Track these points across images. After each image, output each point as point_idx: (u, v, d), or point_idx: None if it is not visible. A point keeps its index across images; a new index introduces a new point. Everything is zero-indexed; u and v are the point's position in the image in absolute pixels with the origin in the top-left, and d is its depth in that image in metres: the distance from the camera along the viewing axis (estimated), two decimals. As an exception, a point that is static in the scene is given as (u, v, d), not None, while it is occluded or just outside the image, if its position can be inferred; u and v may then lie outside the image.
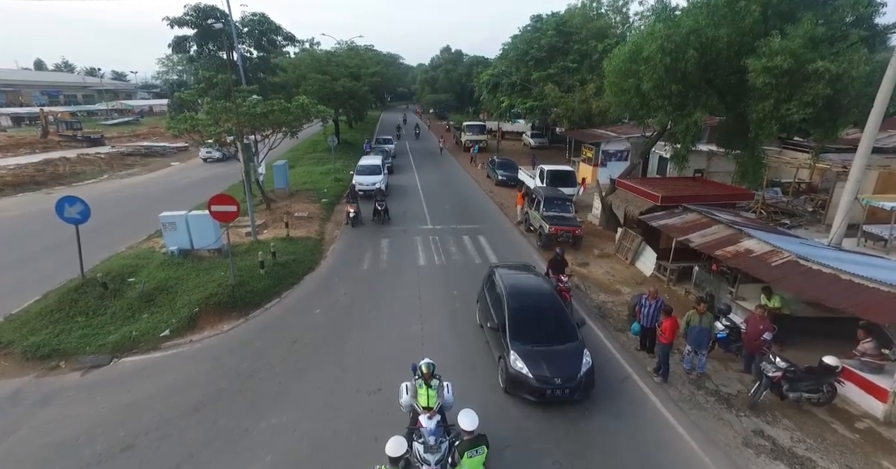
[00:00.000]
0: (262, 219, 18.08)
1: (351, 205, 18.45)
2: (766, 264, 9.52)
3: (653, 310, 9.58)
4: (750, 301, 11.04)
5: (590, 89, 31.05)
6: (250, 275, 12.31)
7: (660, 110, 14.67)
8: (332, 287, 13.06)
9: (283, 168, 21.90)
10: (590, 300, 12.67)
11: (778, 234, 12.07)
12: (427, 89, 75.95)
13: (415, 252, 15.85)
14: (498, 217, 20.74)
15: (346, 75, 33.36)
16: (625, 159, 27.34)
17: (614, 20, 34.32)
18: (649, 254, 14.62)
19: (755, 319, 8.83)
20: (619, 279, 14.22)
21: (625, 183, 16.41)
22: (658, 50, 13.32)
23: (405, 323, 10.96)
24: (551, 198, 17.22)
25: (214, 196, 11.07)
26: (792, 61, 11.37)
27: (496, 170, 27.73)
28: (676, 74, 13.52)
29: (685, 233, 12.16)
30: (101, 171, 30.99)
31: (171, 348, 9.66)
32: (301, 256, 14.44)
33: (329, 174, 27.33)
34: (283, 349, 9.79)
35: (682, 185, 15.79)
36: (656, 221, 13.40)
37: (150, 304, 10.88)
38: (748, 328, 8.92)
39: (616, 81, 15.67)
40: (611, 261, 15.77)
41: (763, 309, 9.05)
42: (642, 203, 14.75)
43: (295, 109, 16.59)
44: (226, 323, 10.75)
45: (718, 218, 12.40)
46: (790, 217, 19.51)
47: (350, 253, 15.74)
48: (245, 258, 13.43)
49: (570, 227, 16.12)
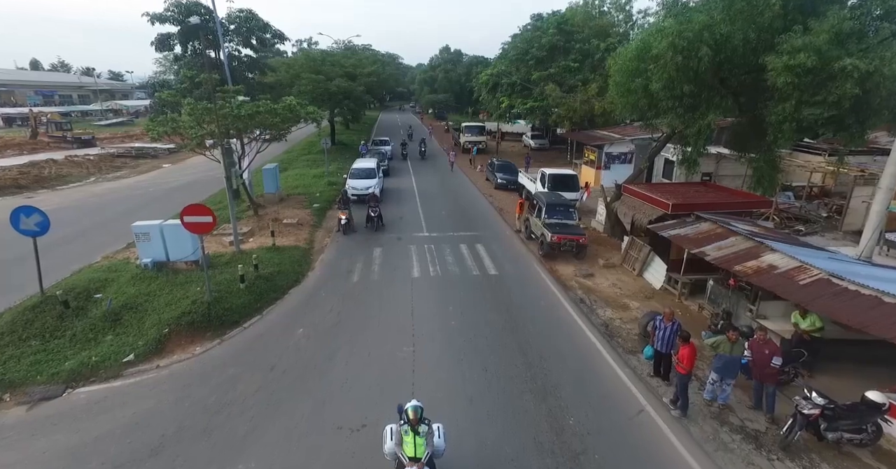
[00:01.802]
0: (248, 226, 17.14)
1: (342, 211, 17.50)
2: (793, 283, 8.58)
3: (668, 333, 8.64)
4: (772, 319, 10.12)
5: (592, 89, 30.16)
6: (229, 290, 11.36)
7: (670, 112, 13.77)
8: (319, 302, 12.12)
9: (273, 172, 20.96)
10: (596, 317, 11.73)
11: (802, 246, 11.12)
12: (426, 89, 75.04)
13: (409, 262, 14.91)
14: (497, 223, 19.81)
15: (341, 75, 32.40)
16: (628, 162, 26.44)
17: (617, 18, 33.42)
18: (659, 265, 13.69)
19: (759, 344, 7.82)
20: (627, 292, 13.28)
21: (632, 189, 15.47)
22: (669, 47, 12.41)
23: (396, 345, 10.02)
24: (553, 204, 16.29)
25: (188, 206, 10.11)
26: (816, 59, 10.46)
27: (495, 173, 26.80)
28: (688, 74, 12.60)
29: (699, 244, 11.23)
30: (88, 174, 30.06)
31: (135, 375, 8.69)
32: (286, 268, 13.50)
33: (322, 177, 26.41)
34: (259, 377, 8.84)
35: (692, 192, 14.86)
36: (667, 231, 12.46)
37: (116, 324, 9.91)
38: (753, 354, 7.85)
39: (622, 81, 14.76)
40: (617, 272, 14.83)
41: (765, 332, 8.20)
42: (651, 211, 13.81)
43: (282, 111, 15.64)
44: (199, 345, 9.79)
45: (735, 228, 11.47)
46: (804, 223, 18.61)
47: (340, 263, 14.79)
48: (225, 270, 12.48)
49: (573, 236, 15.19)
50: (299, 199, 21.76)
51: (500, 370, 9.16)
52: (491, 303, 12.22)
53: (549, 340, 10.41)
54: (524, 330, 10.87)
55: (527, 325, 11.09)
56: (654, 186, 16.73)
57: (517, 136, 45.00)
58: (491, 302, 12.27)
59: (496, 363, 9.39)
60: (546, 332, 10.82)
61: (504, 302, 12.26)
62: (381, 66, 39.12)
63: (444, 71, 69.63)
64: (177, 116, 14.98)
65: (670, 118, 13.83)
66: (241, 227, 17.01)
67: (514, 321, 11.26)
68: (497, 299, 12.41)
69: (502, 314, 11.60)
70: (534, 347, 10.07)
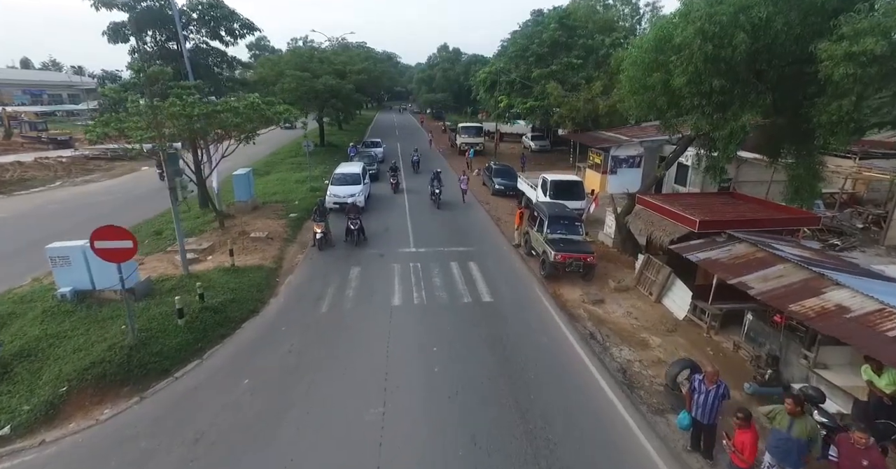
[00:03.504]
0: (209, 240, 15.07)
1: (318, 224, 15.44)
2: (878, 335, 6.53)
3: (712, 399, 6.59)
4: (835, 370, 8.06)
5: (596, 88, 28.12)
6: (163, 328, 9.30)
7: (694, 111, 11.72)
8: (276, 339, 10.06)
9: (246, 177, 18.89)
10: (610, 358, 9.67)
11: (871, 276, 9.02)
12: (424, 88, 73.11)
13: (390, 285, 12.86)
14: (493, 236, 17.75)
15: (329, 73, 30.41)
16: (637, 166, 24.41)
17: (622, 12, 31.39)
18: (681, 290, 11.63)
19: (853, 448, 5.31)
20: (645, 324, 11.23)
21: (648, 201, 13.39)
22: (696, 34, 10.39)
23: (363, 402, 7.96)
24: (557, 216, 14.24)
25: (99, 229, 8.03)
26: (886, 44, 8.43)
27: (493, 178, 24.73)
28: (719, 66, 10.58)
29: (737, 273, 9.18)
30: (55, 177, 28.02)
31: (6, 459, 6.62)
32: (243, 295, 11.44)
33: (305, 182, 24.36)
34: (179, 453, 6.79)
35: (719, 204, 12.79)
36: (694, 255, 10.41)
37: (3, 379, 7.85)
38: (841, 458, 5.51)
39: (637, 76, 12.70)
40: (631, 296, 12.79)
41: (866, 436, 5.26)
42: (672, 228, 11.75)
43: (245, 110, 13.58)
44: (109, 405, 7.72)
45: (781, 253, 9.42)
46: (839, 236, 16.58)
47: (309, 287, 12.73)
48: (165, 300, 10.39)
49: (580, 254, 13.14)
50: (275, 208, 19.70)
51: (492, 443, 7.10)
52: (484, 341, 10.17)
53: (555, 394, 8.36)
54: (524, 378, 8.81)
55: (527, 372, 9.03)
56: (674, 198, 14.57)
57: (517, 138, 42.93)
58: (484, 339, 10.22)
59: (488, 432, 7.33)
60: (550, 381, 8.77)
61: (500, 339, 10.20)
62: (372, 63, 37.09)
63: (443, 70, 67.84)
64: (123, 116, 12.93)
65: (695, 119, 11.77)
66: (201, 242, 14.98)
67: (512, 366, 9.21)
68: (492, 336, 10.35)
69: (497, 357, 9.55)
70: (536, 405, 8.02)
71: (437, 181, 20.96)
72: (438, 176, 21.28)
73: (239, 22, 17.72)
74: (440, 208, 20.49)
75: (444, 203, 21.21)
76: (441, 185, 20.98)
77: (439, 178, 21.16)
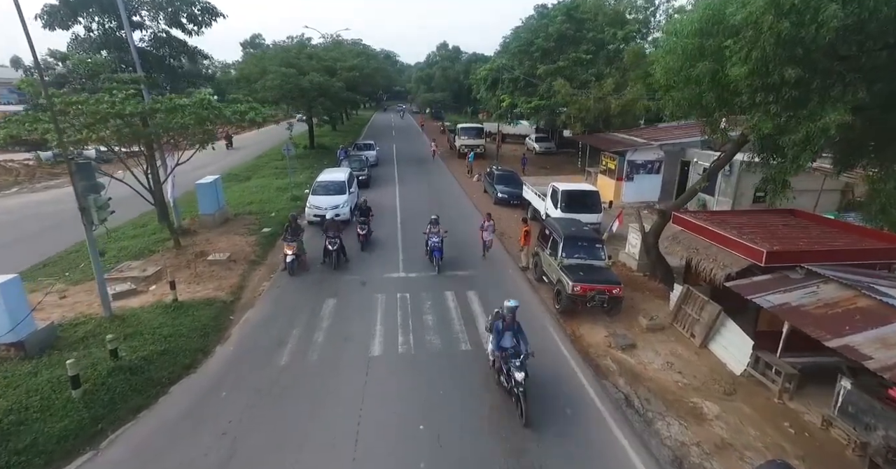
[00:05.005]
0: (158, 265, 12.57)
1: (289, 244, 12.93)
2: None
3: None
4: None
5: (608, 85, 25.71)
6: (47, 404, 6.81)
7: (755, 109, 9.21)
8: (212, 412, 7.56)
9: (212, 187, 16.33)
10: (657, 441, 7.17)
11: None
12: (422, 87, 70.73)
13: (371, 326, 10.35)
14: (496, 255, 15.22)
15: (317, 69, 27.92)
16: (656, 172, 21.93)
17: (635, 3, 28.94)
18: (736, 335, 9.14)
19: None
20: (693, 381, 8.75)
21: (688, 221, 10.86)
22: (768, 8, 7.90)
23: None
24: (575, 237, 11.75)
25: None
26: None
27: (495, 185, 22.19)
28: (795, 51, 8.09)
29: (836, 330, 6.68)
30: (15, 182, 25.61)
31: None
32: (179, 343, 8.94)
33: (287, 190, 21.87)
34: None
35: (782, 227, 10.23)
36: (765, 299, 7.89)
37: None
38: None
39: (677, 66, 10.15)
40: (668, 338, 10.31)
41: None
42: (727, 258, 9.23)
43: (194, 108, 11.08)
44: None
45: (892, 300, 6.92)
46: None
47: (269, 328, 10.23)
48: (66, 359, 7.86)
49: (605, 286, 10.65)
50: (248, 222, 17.22)
51: None
52: (487, 410, 7.68)
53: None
54: (543, 479, 6.33)
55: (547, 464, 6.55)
56: (722, 217, 11.56)
57: (520, 139, 40.44)
58: (487, 409, 7.73)
59: None
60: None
61: (510, 413, 7.68)
62: (365, 59, 34.57)
63: (442, 68, 65.63)
64: (41, 114, 10.46)
65: (756, 118, 9.23)
66: (146, 267, 12.48)
67: (526, 457, 6.72)
68: (498, 407, 7.83)
69: (504, 439, 7.05)
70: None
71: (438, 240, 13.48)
72: (437, 222, 13.90)
73: (199, 5, 15.29)
74: (440, 272, 13.20)
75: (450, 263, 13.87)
76: (441, 240, 13.48)
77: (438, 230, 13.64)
